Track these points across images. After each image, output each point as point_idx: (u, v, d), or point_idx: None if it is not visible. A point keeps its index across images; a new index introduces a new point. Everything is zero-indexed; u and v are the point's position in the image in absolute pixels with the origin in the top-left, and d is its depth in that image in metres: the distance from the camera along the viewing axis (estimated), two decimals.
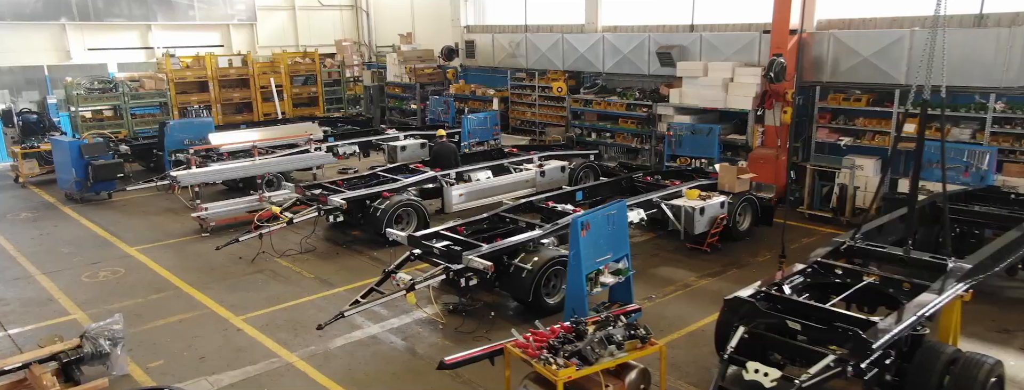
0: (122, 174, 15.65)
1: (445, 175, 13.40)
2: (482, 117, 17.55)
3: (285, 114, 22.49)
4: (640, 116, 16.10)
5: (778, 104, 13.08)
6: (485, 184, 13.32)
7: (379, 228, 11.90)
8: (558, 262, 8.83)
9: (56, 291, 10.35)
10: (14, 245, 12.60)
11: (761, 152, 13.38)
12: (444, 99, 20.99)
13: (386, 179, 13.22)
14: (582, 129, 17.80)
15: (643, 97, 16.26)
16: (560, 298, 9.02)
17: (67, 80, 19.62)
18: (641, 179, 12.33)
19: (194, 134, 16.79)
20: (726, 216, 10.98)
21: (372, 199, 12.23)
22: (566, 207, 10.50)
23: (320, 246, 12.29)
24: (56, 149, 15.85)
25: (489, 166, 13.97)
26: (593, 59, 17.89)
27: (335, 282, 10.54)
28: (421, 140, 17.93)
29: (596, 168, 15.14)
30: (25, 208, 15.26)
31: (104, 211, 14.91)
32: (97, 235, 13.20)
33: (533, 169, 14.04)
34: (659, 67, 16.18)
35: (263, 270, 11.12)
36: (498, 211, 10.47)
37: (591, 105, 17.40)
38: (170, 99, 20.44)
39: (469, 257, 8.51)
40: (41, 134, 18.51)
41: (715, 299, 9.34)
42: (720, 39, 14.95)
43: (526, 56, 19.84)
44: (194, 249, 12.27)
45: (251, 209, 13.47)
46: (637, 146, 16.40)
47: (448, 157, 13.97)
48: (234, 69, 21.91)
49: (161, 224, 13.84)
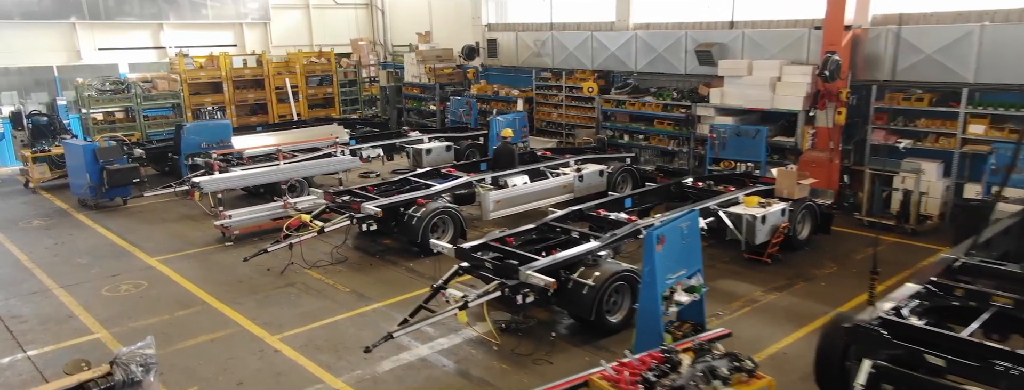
0: (138, 179, 14.99)
1: (480, 180, 12.74)
2: (511, 119, 16.86)
3: (301, 116, 21.85)
4: (677, 117, 15.43)
5: (831, 104, 12.39)
6: (523, 190, 12.65)
7: (414, 237, 11.26)
8: (621, 277, 8.16)
9: (76, 307, 9.69)
10: (28, 255, 11.95)
11: (812, 155, 12.70)
12: (466, 100, 20.32)
13: (419, 185, 12.56)
14: (614, 131, 17.12)
15: (681, 97, 15.57)
16: (622, 316, 8.36)
17: (78, 81, 18.98)
18: (690, 185, 11.66)
19: (211, 137, 16.13)
20: (788, 224, 10.30)
21: (407, 206, 11.56)
22: (619, 216, 9.83)
23: (351, 256, 11.63)
24: (69, 153, 15.20)
25: (525, 171, 13.29)
26: (624, 58, 17.21)
27: (372, 296, 9.87)
28: (446, 143, 17.29)
29: (634, 172, 14.46)
30: (37, 215, 14.61)
31: (120, 218, 14.26)
32: (114, 244, 12.54)
33: (571, 174, 13.36)
34: (697, 66, 15.51)
35: (294, 283, 10.46)
36: (547, 220, 9.79)
37: (624, 106, 16.72)
38: (183, 100, 19.80)
39: (527, 272, 7.84)
40: (52, 137, 17.87)
41: (789, 317, 8.70)
42: (764, 36, 14.26)
43: (552, 55, 19.16)
44: (218, 260, 11.61)
45: (276, 216, 12.83)
46: (674, 149, 15.72)
47: (508, 158, 13.36)
48: (249, 69, 21.26)
49: (181, 232, 13.18)
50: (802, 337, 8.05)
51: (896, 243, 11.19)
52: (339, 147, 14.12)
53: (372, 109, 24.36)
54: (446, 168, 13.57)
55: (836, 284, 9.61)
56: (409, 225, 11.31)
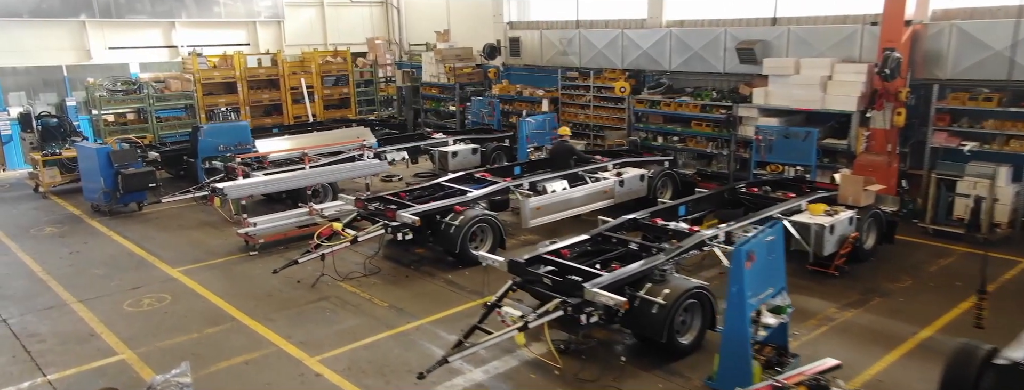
0: (154, 184, 14.34)
1: (518, 186, 12.08)
2: (540, 120, 16.20)
3: (316, 117, 21.20)
4: (717, 118, 14.74)
5: (889, 105, 11.72)
6: (563, 196, 11.98)
7: (452, 247, 10.60)
8: (693, 295, 7.50)
9: (96, 323, 9.04)
10: (42, 266, 11.30)
11: (868, 158, 12.03)
12: (488, 100, 19.65)
13: (453, 190, 11.90)
14: (647, 132, 16.44)
15: (721, 97, 14.89)
16: (693, 337, 7.69)
17: (89, 81, 18.33)
18: (745, 191, 10.99)
19: (229, 139, 15.49)
20: (858, 234, 9.63)
21: (443, 214, 10.91)
22: (679, 225, 9.16)
23: (384, 267, 10.97)
24: (82, 156, 14.56)
25: (564, 175, 12.63)
26: (657, 56, 16.53)
27: (414, 312, 9.21)
28: (473, 145, 16.62)
29: (675, 176, 13.80)
30: (49, 221, 13.96)
31: (136, 225, 13.61)
32: (132, 253, 11.89)
33: (611, 178, 12.70)
34: (737, 64, 14.83)
35: (327, 297, 9.80)
36: (601, 230, 9.13)
37: (658, 107, 16.04)
38: (197, 101, 19.14)
39: (593, 289, 7.17)
40: (62, 139, 17.23)
41: (875, 338, 8.01)
42: (812, 33, 13.59)
43: (579, 54, 18.48)
44: (243, 270, 10.96)
45: (302, 224, 12.19)
46: (712, 151, 15.03)
47: (565, 158, 12.75)
48: (263, 69, 20.61)
49: (201, 240, 12.53)
50: (896, 362, 7.38)
51: (967, 254, 10.52)
52: (366, 150, 13.46)
53: (388, 110, 23.68)
54: (480, 172, 12.91)
55: (916, 300, 8.93)
56: (446, 234, 10.66)
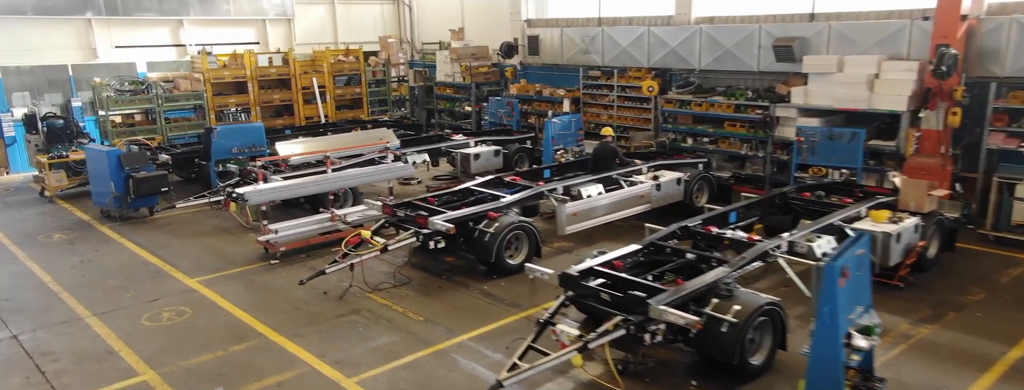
0: (166, 188, 13.75)
1: (552, 190, 11.50)
2: (566, 120, 15.62)
3: (328, 118, 20.60)
4: (752, 119, 14.15)
5: (943, 104, 11.14)
6: (599, 201, 11.41)
7: (487, 256, 10.02)
8: (765, 312, 6.92)
9: (114, 340, 8.45)
10: (52, 276, 10.71)
11: (920, 161, 11.44)
12: (507, 100, 19.05)
13: (485, 195, 11.31)
14: (676, 133, 15.85)
15: (756, 97, 14.31)
16: (763, 358, 7.11)
17: (95, 81, 17.72)
18: (796, 195, 10.40)
19: (243, 141, 14.91)
20: (925, 243, 9.05)
21: (476, 221, 10.32)
22: (736, 234, 8.58)
23: (414, 277, 10.39)
24: (91, 159, 13.97)
25: (598, 179, 12.05)
26: (686, 54, 15.96)
27: (452, 327, 8.62)
28: (495, 147, 16.03)
29: (711, 180, 13.23)
30: (57, 227, 13.36)
31: (148, 231, 13.01)
32: (147, 262, 11.30)
33: (648, 182, 12.12)
34: (772, 62, 14.27)
35: (358, 310, 9.21)
36: (652, 239, 8.54)
37: (688, 106, 15.44)
38: (206, 101, 18.53)
39: (659, 307, 6.58)
40: (68, 141, 16.65)
41: (962, 358, 7.42)
42: (855, 29, 13.01)
43: (602, 52, 17.90)
44: (266, 281, 10.37)
45: (324, 231, 11.61)
46: (747, 153, 14.44)
47: (608, 160, 12.20)
48: (274, 68, 19.99)
49: (217, 248, 11.94)
50: (992, 387, 6.80)
51: None
52: (391, 153, 12.87)
53: (401, 110, 23.08)
54: (510, 176, 12.33)
55: (995, 315, 8.35)
56: (481, 242, 10.07)
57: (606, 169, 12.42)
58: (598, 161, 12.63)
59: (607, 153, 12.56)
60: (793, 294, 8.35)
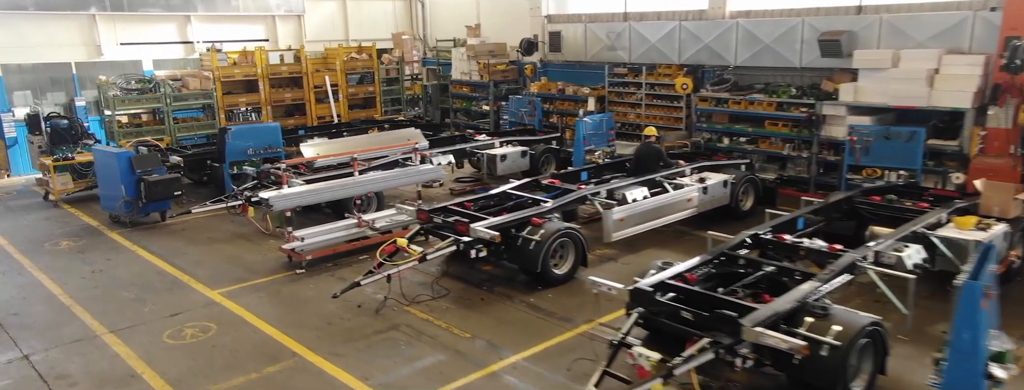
0: (179, 192, 13.01)
1: (595, 194, 10.79)
2: (598, 119, 14.92)
3: (341, 118, 19.86)
4: (796, 117, 13.46)
5: (1013, 100, 10.47)
6: (647, 205, 10.70)
7: (532, 265, 9.30)
8: (868, 334, 6.20)
9: (135, 360, 7.71)
10: (62, 287, 9.96)
11: (986, 162, 10.77)
12: (529, 99, 18.33)
13: (524, 199, 10.60)
14: (711, 133, 15.15)
15: (801, 94, 13.61)
16: (863, 384, 6.38)
17: (101, 79, 16.97)
18: (863, 199, 9.69)
19: (259, 142, 14.16)
20: (1018, 252, 8.36)
21: (519, 227, 9.60)
22: (815, 243, 7.87)
23: (452, 288, 9.67)
24: (99, 161, 13.22)
25: (642, 182, 11.35)
26: (721, 50, 15.26)
27: (503, 345, 7.91)
28: (521, 148, 15.31)
29: (757, 182, 12.54)
30: (65, 234, 12.61)
31: (161, 238, 12.27)
32: (163, 272, 10.56)
33: (695, 185, 11.42)
34: (815, 58, 13.58)
35: (397, 325, 8.49)
36: (722, 249, 7.82)
37: (725, 105, 14.74)
38: (216, 100, 17.77)
39: (756, 329, 5.87)
40: (72, 143, 15.89)
41: None
42: (910, 21, 12.31)
43: (629, 48, 17.20)
44: (293, 293, 9.63)
45: (351, 238, 10.89)
46: (790, 153, 13.73)
47: (652, 162, 11.52)
48: (286, 66, 19.24)
49: (236, 256, 11.20)
50: None
51: None
52: (419, 154, 12.14)
53: (415, 110, 22.33)
54: (547, 179, 11.61)
55: None
56: (525, 250, 9.34)
57: (649, 171, 11.72)
58: (640, 163, 11.93)
59: (651, 154, 11.86)
60: (870, 307, 7.64)
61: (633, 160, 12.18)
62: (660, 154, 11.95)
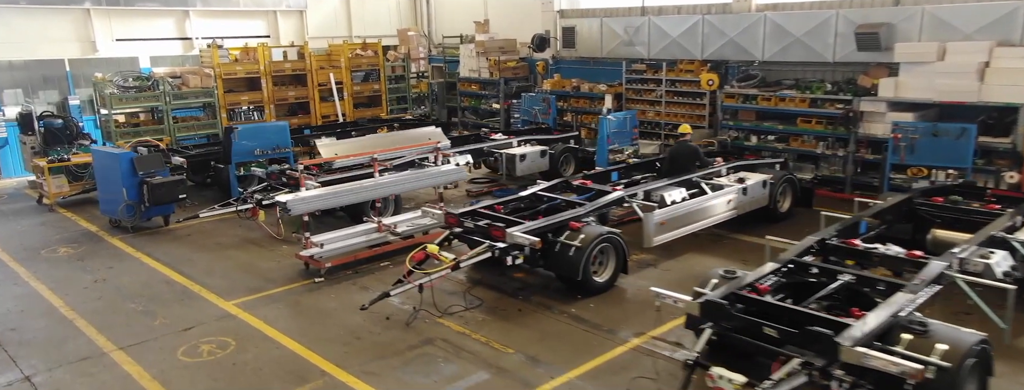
0: (184, 195, 12.28)
1: (632, 195, 10.16)
2: (622, 117, 14.29)
3: (346, 116, 19.15)
4: (831, 114, 12.89)
5: None
6: (687, 207, 10.08)
7: (573, 273, 8.65)
8: (977, 354, 5.57)
9: (148, 381, 7.01)
10: (63, 299, 9.23)
11: None
12: (543, 96, 17.68)
13: (556, 202, 9.95)
14: (738, 131, 14.56)
15: (837, 89, 13.02)
16: None
17: (97, 76, 16.20)
18: (926, 202, 9.09)
19: (266, 142, 13.45)
20: None
21: (556, 232, 8.95)
22: (891, 249, 7.26)
23: (485, 297, 9.01)
24: (99, 163, 12.46)
25: (679, 182, 10.73)
26: (748, 45, 14.67)
27: (550, 361, 7.26)
28: (541, 147, 14.66)
29: (795, 182, 11.94)
30: (62, 240, 11.86)
31: (166, 244, 11.54)
32: (171, 281, 9.84)
33: (735, 185, 10.80)
34: (849, 52, 13.03)
35: (431, 339, 7.82)
36: (791, 257, 7.19)
37: (753, 101, 14.16)
38: (217, 99, 17.02)
39: (858, 350, 5.23)
40: (67, 143, 15.15)
41: None
42: (954, 13, 11.75)
43: (648, 44, 16.59)
44: (314, 303, 8.94)
45: (372, 243, 10.21)
46: (825, 152, 13.15)
47: (688, 161, 10.91)
48: (290, 63, 18.51)
49: (249, 263, 10.50)
50: None
51: None
52: (441, 154, 11.46)
53: (421, 108, 21.63)
54: (578, 179, 10.97)
55: None
56: (564, 257, 8.69)
57: (684, 171, 11.11)
58: (676, 162, 11.31)
59: (687, 153, 11.25)
60: (951, 321, 7.04)
61: (667, 159, 11.57)
62: (697, 153, 11.35)
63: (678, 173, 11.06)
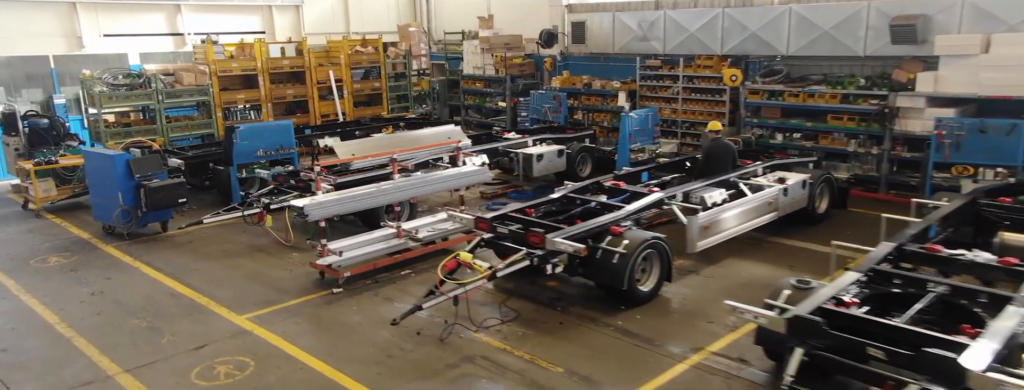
0: (183, 199, 11.49)
1: (672, 197, 9.51)
2: (643, 114, 13.67)
3: (346, 116, 18.39)
4: (865, 110, 12.34)
5: None
6: (730, 209, 9.45)
7: (618, 281, 7.99)
8: None
9: None
10: (58, 315, 8.44)
11: None
12: (553, 94, 17.01)
13: (591, 205, 9.28)
14: (764, 129, 13.98)
15: (871, 84, 12.47)
16: None
17: (85, 73, 15.32)
18: (991, 202, 8.51)
19: (270, 142, 12.70)
20: None
21: (595, 238, 8.28)
22: (980, 255, 6.65)
23: (521, 308, 8.33)
24: (93, 166, 11.65)
25: (716, 183, 10.10)
26: (771, 39, 14.09)
27: (606, 381, 6.60)
28: (557, 146, 14.00)
29: (833, 182, 11.36)
30: (52, 249, 11.03)
31: (166, 252, 10.76)
32: (176, 293, 9.06)
33: (775, 186, 10.19)
34: (882, 45, 12.48)
35: (471, 357, 7.13)
36: (871, 265, 6.56)
37: (780, 97, 13.58)
38: (213, 97, 16.20)
39: (993, 377, 4.59)
40: (54, 144, 14.31)
41: None
42: (998, 3, 11.19)
43: (664, 39, 15.98)
44: (335, 317, 8.22)
45: (392, 250, 9.51)
46: (857, 150, 12.60)
47: (724, 161, 10.28)
48: (288, 59, 17.72)
49: (258, 272, 9.74)
50: None
51: None
52: (462, 154, 10.76)
53: (422, 107, 20.88)
54: (609, 180, 10.31)
55: None
56: (607, 264, 8.02)
57: (721, 171, 10.48)
58: (711, 161, 10.69)
59: (723, 152, 10.64)
60: None
61: (703, 158, 10.94)
62: (733, 152, 10.73)
63: (713, 173, 10.44)
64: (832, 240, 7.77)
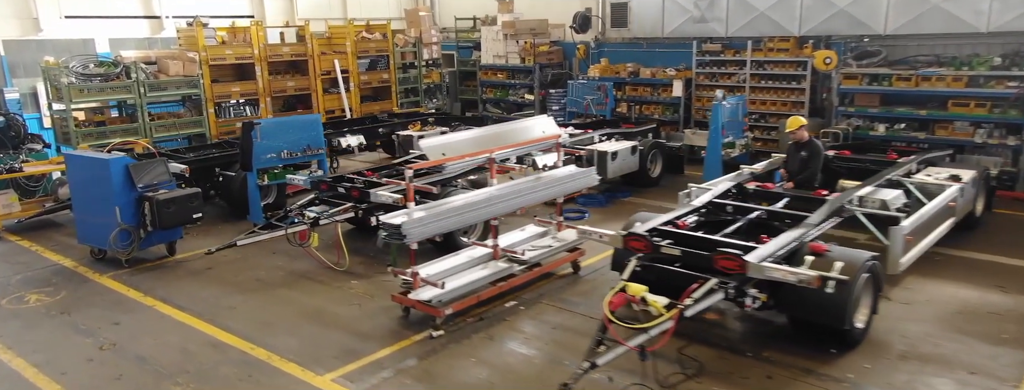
0: (199, 214, 9.05)
1: (850, 202, 7.54)
2: (735, 102, 11.75)
3: (353, 111, 16.01)
4: (1001, 95, 10.66)
5: None
6: (928, 213, 7.56)
7: (837, 321, 5.96)
8: None
9: None
10: (60, 381, 6.01)
11: None
12: (597, 84, 14.95)
13: (750, 213, 7.23)
14: (862, 119, 12.22)
15: (1008, 64, 10.79)
16: None
17: (48, 61, 12.64)
18: None
19: (295, 142, 10.38)
20: None
21: (787, 260, 6.22)
22: None
23: (701, 355, 6.25)
24: (78, 173, 9.09)
25: (883, 183, 8.20)
26: (864, 17, 12.39)
27: None
28: (629, 143, 11.98)
29: (989, 180, 9.63)
30: (28, 283, 8.49)
31: (182, 283, 8.34)
32: (218, 343, 6.70)
33: (952, 185, 8.34)
34: (1013, 18, 10.88)
35: None
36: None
37: (885, 82, 11.81)
38: (204, 89, 13.65)
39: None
40: (13, 149, 11.67)
41: None
42: None
43: (726, 20, 14.14)
44: (454, 375, 6.00)
45: (494, 277, 7.33)
46: (987, 142, 10.91)
47: (817, 165, 8.35)
48: (289, 46, 15.25)
49: (321, 310, 7.43)
50: None
51: None
52: (563, 151, 8.61)
53: (434, 101, 18.56)
54: (752, 183, 8.30)
55: None
56: (817, 295, 5.94)
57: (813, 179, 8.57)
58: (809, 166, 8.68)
59: (818, 153, 8.66)
60: None
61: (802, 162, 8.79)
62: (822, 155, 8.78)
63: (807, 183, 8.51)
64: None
